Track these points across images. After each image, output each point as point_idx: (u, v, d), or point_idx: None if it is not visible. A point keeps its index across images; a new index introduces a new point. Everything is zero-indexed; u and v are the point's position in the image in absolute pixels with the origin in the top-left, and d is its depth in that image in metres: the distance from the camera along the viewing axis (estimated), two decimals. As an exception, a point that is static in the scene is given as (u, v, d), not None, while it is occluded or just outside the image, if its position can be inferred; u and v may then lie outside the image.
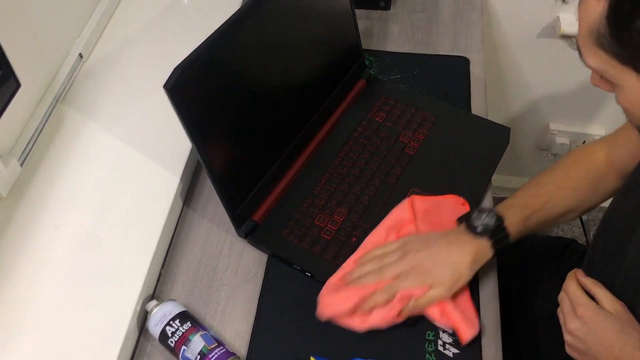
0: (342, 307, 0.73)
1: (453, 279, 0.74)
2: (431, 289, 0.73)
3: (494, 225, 0.76)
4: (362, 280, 0.75)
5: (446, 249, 0.76)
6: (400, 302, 0.72)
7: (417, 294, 0.73)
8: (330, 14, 0.93)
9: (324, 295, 0.75)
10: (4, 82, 0.76)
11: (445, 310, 0.73)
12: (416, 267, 0.74)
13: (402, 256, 0.76)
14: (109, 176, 0.86)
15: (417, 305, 0.73)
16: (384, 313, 0.73)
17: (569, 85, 1.49)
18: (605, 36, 0.56)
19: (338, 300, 0.74)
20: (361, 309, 0.73)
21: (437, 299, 0.73)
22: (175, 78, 0.66)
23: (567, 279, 0.73)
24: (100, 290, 0.75)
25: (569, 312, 0.70)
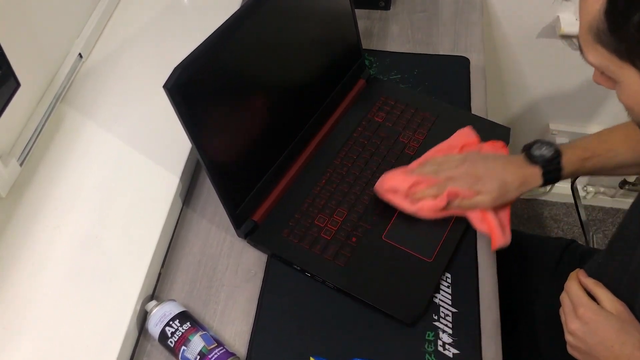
0: (398, 185, 0.82)
1: (500, 192, 0.80)
2: (478, 195, 0.80)
3: (550, 156, 0.82)
4: (419, 174, 0.83)
5: (501, 166, 0.83)
6: (448, 197, 0.81)
7: (464, 195, 0.81)
8: (330, 14, 0.93)
9: (384, 176, 0.85)
10: (4, 82, 0.76)
11: (485, 216, 0.81)
12: (469, 173, 0.82)
13: (460, 164, 0.83)
14: (108, 176, 0.86)
15: (461, 205, 0.81)
16: (431, 203, 0.81)
17: (569, 85, 1.49)
18: (604, 32, 0.56)
19: (396, 178, 0.84)
20: (411, 195, 0.82)
21: (480, 206, 0.81)
22: (175, 78, 0.66)
23: (568, 280, 0.73)
24: (100, 290, 0.75)
25: (570, 312, 0.70)
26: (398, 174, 0.84)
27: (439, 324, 0.76)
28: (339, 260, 0.80)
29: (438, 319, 0.76)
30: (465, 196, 0.81)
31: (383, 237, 0.83)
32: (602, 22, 0.56)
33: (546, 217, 1.82)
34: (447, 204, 0.81)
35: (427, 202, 0.81)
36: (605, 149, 0.83)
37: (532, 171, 0.82)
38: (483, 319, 0.76)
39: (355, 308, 0.77)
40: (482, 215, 0.81)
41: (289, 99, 0.87)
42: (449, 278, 0.80)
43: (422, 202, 0.81)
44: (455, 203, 0.81)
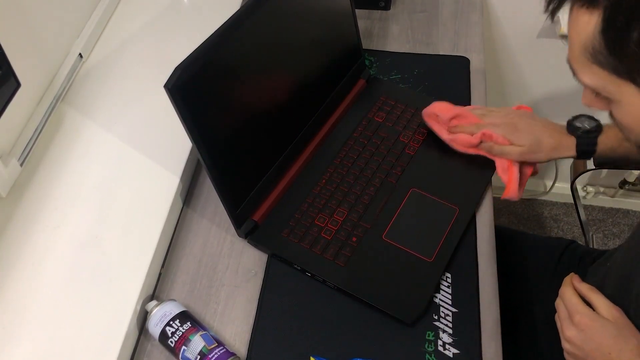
0: (442, 112, 0.90)
1: (532, 149, 0.85)
2: (510, 144, 0.85)
3: (588, 129, 0.84)
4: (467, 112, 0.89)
5: (542, 126, 0.87)
6: (482, 136, 0.87)
7: (497, 139, 0.86)
8: (330, 14, 0.93)
9: (433, 103, 0.92)
10: (4, 82, 0.76)
11: (510, 168, 0.86)
12: (509, 124, 0.86)
13: (506, 115, 0.89)
14: (109, 176, 0.86)
15: (491, 149, 0.86)
16: (465, 138, 0.88)
17: (569, 85, 1.48)
18: (601, 51, 0.55)
19: (441, 106, 0.91)
20: (451, 127, 0.89)
21: (508, 155, 0.86)
22: (175, 78, 0.66)
23: (563, 285, 0.73)
24: (100, 290, 0.75)
25: (565, 319, 0.70)
26: (446, 104, 0.91)
27: (439, 324, 0.76)
28: (339, 260, 0.80)
29: (438, 319, 0.76)
30: (498, 142, 0.85)
31: (383, 237, 0.83)
32: (598, 41, 0.55)
33: (546, 217, 1.82)
34: (480, 142, 0.87)
35: (462, 136, 0.88)
36: None
37: (568, 140, 0.85)
38: (483, 319, 0.76)
39: (356, 308, 0.77)
40: (507, 165, 0.86)
41: (289, 99, 0.87)
42: (449, 278, 0.80)
43: (458, 135, 0.88)
44: (486, 145, 0.87)
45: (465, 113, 0.90)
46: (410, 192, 0.88)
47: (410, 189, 0.88)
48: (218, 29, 0.73)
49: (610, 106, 0.61)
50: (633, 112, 0.59)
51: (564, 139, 0.86)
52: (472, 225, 0.86)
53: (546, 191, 1.81)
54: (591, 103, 0.64)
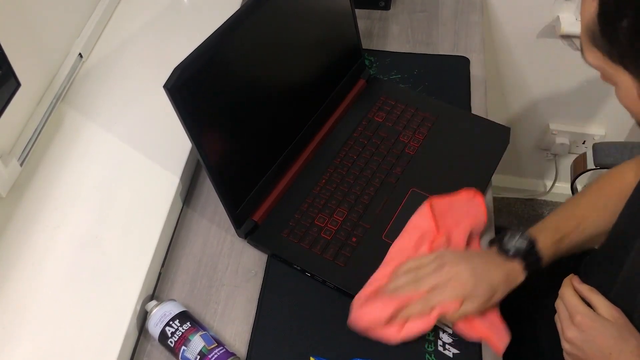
0: (379, 316, 0.72)
1: (488, 295, 0.73)
2: (464, 302, 0.72)
3: (525, 248, 0.76)
4: (399, 291, 0.74)
5: (483, 265, 0.75)
6: (436, 317, 0.72)
7: (451, 309, 0.72)
8: (330, 14, 0.93)
9: (358, 307, 0.74)
10: (4, 82, 0.76)
11: (473, 324, 0.73)
12: (453, 280, 0.73)
13: (439, 268, 0.74)
14: (108, 176, 0.86)
15: (448, 319, 0.73)
16: (419, 324, 0.72)
17: (569, 85, 1.49)
18: (597, 35, 0.57)
19: (374, 309, 0.73)
20: (397, 318, 0.72)
21: (468, 314, 0.73)
22: (175, 78, 0.66)
23: (562, 286, 0.73)
24: (100, 290, 0.75)
25: (565, 319, 0.70)
26: (371, 302, 0.74)
27: (439, 323, 0.76)
28: (339, 260, 0.80)
29: (438, 319, 0.76)
30: (453, 309, 0.72)
31: (383, 237, 0.83)
32: (595, 25, 0.57)
33: (546, 217, 1.82)
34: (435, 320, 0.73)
35: (414, 324, 0.72)
36: (574, 225, 0.80)
37: (512, 267, 0.76)
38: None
39: (356, 308, 0.77)
40: (469, 324, 0.73)
41: (289, 99, 0.87)
42: (449, 278, 0.80)
43: (410, 325, 0.72)
44: (442, 320, 0.74)
45: (400, 299, 0.73)
46: (410, 192, 0.88)
47: (410, 189, 0.88)
48: (218, 29, 0.73)
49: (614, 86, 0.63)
50: (629, 96, 0.60)
51: (509, 267, 0.76)
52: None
53: (546, 191, 1.81)
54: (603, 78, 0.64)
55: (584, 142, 1.62)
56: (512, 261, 0.76)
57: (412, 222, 0.82)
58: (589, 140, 1.61)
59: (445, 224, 0.82)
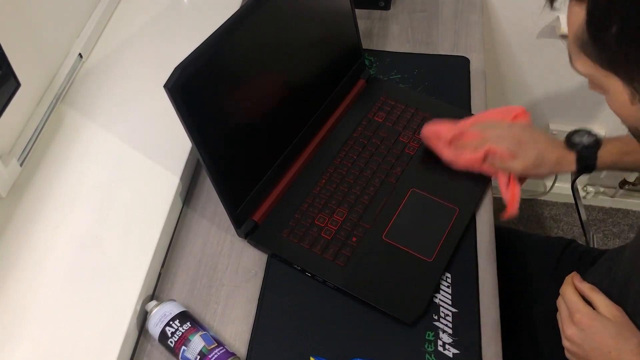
0: (443, 132, 0.87)
1: (535, 163, 0.84)
2: (514, 159, 0.84)
3: (587, 143, 0.85)
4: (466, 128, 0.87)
5: (546, 142, 0.86)
6: (486, 152, 0.85)
7: (501, 155, 0.84)
8: (330, 14, 0.93)
9: (432, 123, 0.90)
10: (4, 82, 0.76)
11: (512, 184, 0.85)
12: (514, 136, 0.85)
13: (509, 127, 0.87)
14: (109, 176, 0.86)
15: (494, 164, 0.85)
16: (468, 155, 0.86)
17: (569, 85, 1.49)
18: (586, 42, 0.57)
19: (441, 127, 0.88)
20: (454, 143, 0.87)
21: (512, 170, 0.85)
22: (175, 78, 0.66)
23: (564, 284, 0.73)
24: (100, 290, 0.75)
25: (566, 317, 0.70)
26: (446, 123, 0.89)
27: (439, 324, 0.76)
28: (339, 260, 0.80)
29: (438, 319, 0.76)
30: (502, 156, 0.84)
31: (383, 237, 0.83)
32: (584, 32, 0.57)
33: (546, 217, 1.82)
34: (484, 159, 0.85)
35: (465, 153, 0.86)
36: None
37: (567, 154, 0.85)
38: (483, 319, 0.76)
39: (356, 308, 0.77)
40: (511, 183, 0.85)
41: (289, 99, 0.87)
42: (449, 278, 0.80)
43: (464, 154, 0.86)
44: (489, 160, 0.85)
45: (466, 130, 0.88)
46: (410, 192, 0.88)
47: (410, 189, 0.88)
48: (218, 29, 0.73)
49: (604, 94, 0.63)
50: (619, 101, 0.60)
51: (565, 153, 0.86)
52: (472, 225, 0.86)
53: (546, 191, 1.81)
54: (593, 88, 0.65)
55: (584, 142, 1.61)
56: (571, 150, 0.85)
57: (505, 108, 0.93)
58: (588, 140, 1.60)
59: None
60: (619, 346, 0.65)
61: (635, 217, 1.83)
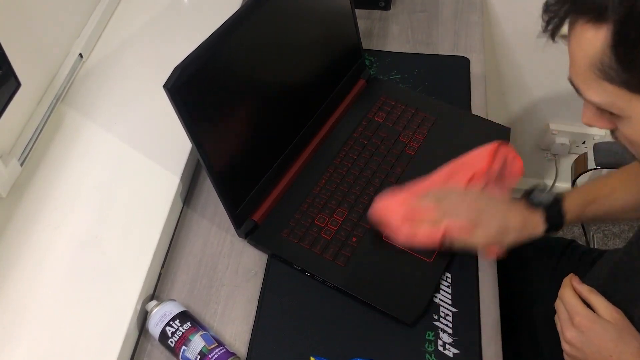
0: (396, 211, 0.78)
1: (499, 231, 0.76)
2: (474, 230, 0.75)
3: (550, 201, 0.79)
4: (419, 202, 0.79)
5: (505, 206, 0.79)
6: (445, 230, 0.76)
7: (462, 228, 0.76)
8: (330, 14, 0.93)
9: (380, 200, 0.80)
10: (4, 82, 0.76)
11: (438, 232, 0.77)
12: (471, 207, 0.78)
13: (463, 197, 0.80)
14: (109, 176, 0.86)
15: (455, 242, 0.77)
16: (428, 234, 0.76)
17: (569, 85, 1.48)
18: (612, 66, 0.53)
19: (393, 204, 0.79)
20: (410, 222, 0.77)
21: (475, 245, 0.77)
22: (175, 78, 0.66)
23: (562, 287, 0.72)
24: (100, 290, 0.75)
25: (565, 320, 0.69)
26: (395, 200, 0.80)
27: (439, 323, 0.76)
28: (339, 260, 0.80)
29: (438, 318, 0.76)
30: (461, 230, 0.75)
31: (383, 237, 0.82)
32: (607, 56, 0.53)
33: (546, 217, 1.82)
34: (442, 236, 0.76)
35: (424, 232, 0.77)
36: (606, 192, 0.81)
37: (533, 216, 0.78)
38: (483, 319, 0.76)
39: (356, 308, 0.77)
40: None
41: (289, 99, 0.87)
42: (449, 278, 0.80)
43: (420, 232, 0.77)
44: (449, 240, 0.77)
45: (419, 205, 0.79)
46: (410, 192, 0.88)
47: (410, 189, 0.88)
48: (218, 29, 0.73)
49: (618, 123, 0.59)
50: None
51: (529, 215, 0.78)
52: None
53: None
54: (592, 122, 0.62)
55: (584, 142, 1.62)
56: (534, 211, 0.79)
57: (472, 155, 0.86)
58: (589, 140, 1.61)
59: (493, 170, 0.85)
60: (620, 349, 0.65)
61: (635, 217, 1.83)
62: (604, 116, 0.60)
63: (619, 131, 0.61)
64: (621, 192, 0.82)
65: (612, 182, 0.84)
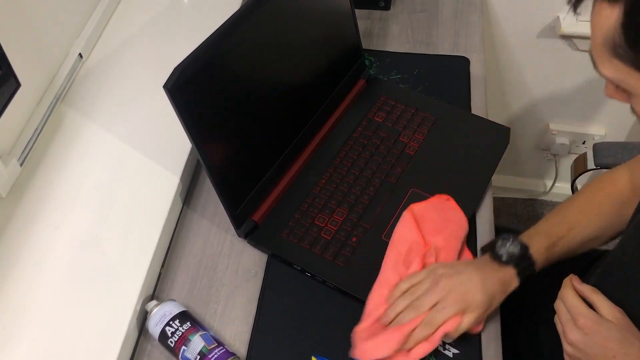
0: (386, 351, 0.71)
1: (486, 305, 0.73)
2: (464, 316, 0.72)
3: (519, 253, 0.76)
4: (400, 319, 0.72)
5: (478, 274, 0.74)
6: (440, 336, 0.71)
7: (453, 326, 0.71)
8: (330, 14, 0.93)
9: (361, 342, 0.72)
10: (4, 82, 0.76)
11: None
12: (452, 293, 0.72)
13: (435, 284, 0.73)
14: (108, 176, 0.86)
15: (452, 336, 0.73)
16: (425, 346, 0.71)
17: (569, 85, 1.49)
18: (621, 45, 0.55)
19: (379, 344, 0.71)
20: (404, 347, 0.71)
21: (469, 328, 0.72)
22: (175, 78, 0.66)
23: (563, 288, 0.72)
24: (100, 290, 0.75)
25: (568, 322, 0.69)
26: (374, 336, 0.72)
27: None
28: (339, 260, 0.80)
29: (438, 319, 0.76)
30: (454, 324, 0.71)
31: (383, 237, 0.83)
32: (618, 34, 0.55)
33: (546, 217, 1.82)
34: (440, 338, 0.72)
35: (420, 348, 0.71)
36: (565, 229, 0.80)
37: (506, 273, 0.75)
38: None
39: (356, 308, 0.77)
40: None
41: (289, 99, 0.87)
42: (449, 278, 0.80)
43: (417, 349, 0.71)
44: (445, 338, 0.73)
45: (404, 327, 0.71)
46: (410, 192, 0.88)
47: (410, 189, 0.88)
48: (218, 29, 0.73)
49: (631, 100, 0.61)
50: None
51: (502, 275, 0.75)
52: (472, 225, 0.86)
53: (546, 191, 1.81)
54: (613, 95, 0.63)
55: (584, 142, 1.62)
56: (506, 267, 0.75)
57: (398, 233, 0.81)
58: (589, 140, 1.61)
59: (429, 231, 0.81)
60: (624, 350, 0.64)
61: (635, 217, 1.83)
62: (620, 91, 0.62)
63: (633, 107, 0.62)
64: (580, 226, 0.81)
65: (570, 217, 0.82)
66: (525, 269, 0.76)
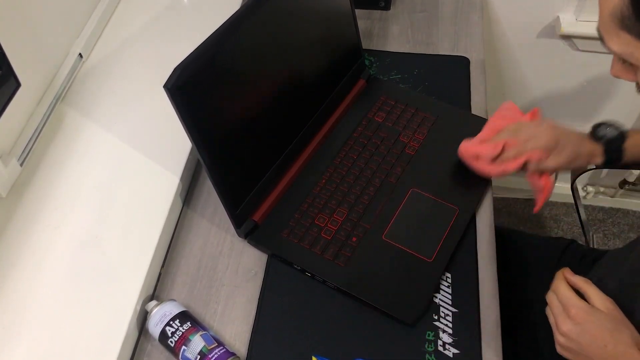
0: (488, 153, 0.86)
1: (571, 156, 0.85)
2: (550, 156, 0.84)
3: (612, 137, 0.86)
4: (498, 137, 0.87)
5: (575, 135, 0.87)
6: (527, 157, 0.84)
7: (537, 158, 0.84)
8: (330, 14, 0.93)
9: (469, 143, 0.88)
10: (4, 82, 0.76)
11: (547, 182, 0.87)
12: (548, 133, 0.85)
13: (540, 126, 0.86)
14: (108, 176, 0.86)
15: (531, 167, 0.85)
16: (509, 164, 0.85)
17: (569, 85, 1.49)
18: (629, 17, 0.57)
19: (477, 147, 0.87)
20: (496, 160, 0.86)
21: (549, 169, 0.85)
22: (175, 78, 0.66)
23: (555, 280, 0.72)
24: (100, 290, 0.75)
25: (560, 313, 0.69)
26: (476, 142, 0.89)
27: (439, 323, 0.76)
28: (339, 260, 0.80)
29: (438, 318, 0.76)
30: (539, 158, 0.84)
31: (383, 237, 0.83)
32: (626, 7, 0.56)
33: (546, 217, 1.82)
34: (525, 164, 0.85)
35: (507, 165, 0.86)
36: None
37: (595, 147, 0.87)
38: (483, 319, 0.76)
39: (356, 308, 0.77)
40: (545, 180, 0.87)
41: (289, 99, 0.87)
42: (449, 278, 0.80)
43: (505, 165, 0.86)
44: (532, 165, 0.85)
45: (499, 144, 0.86)
46: (410, 192, 0.88)
47: (410, 189, 0.88)
48: (218, 29, 0.73)
49: (637, 76, 0.62)
50: None
51: (593, 147, 0.87)
52: (472, 225, 0.86)
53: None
54: (619, 73, 0.65)
55: (584, 142, 1.62)
56: (597, 143, 0.87)
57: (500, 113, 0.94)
58: (589, 140, 1.61)
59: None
60: (615, 339, 0.65)
61: (635, 217, 1.83)
62: (627, 68, 0.63)
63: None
64: None
65: None
66: (612, 152, 0.87)
